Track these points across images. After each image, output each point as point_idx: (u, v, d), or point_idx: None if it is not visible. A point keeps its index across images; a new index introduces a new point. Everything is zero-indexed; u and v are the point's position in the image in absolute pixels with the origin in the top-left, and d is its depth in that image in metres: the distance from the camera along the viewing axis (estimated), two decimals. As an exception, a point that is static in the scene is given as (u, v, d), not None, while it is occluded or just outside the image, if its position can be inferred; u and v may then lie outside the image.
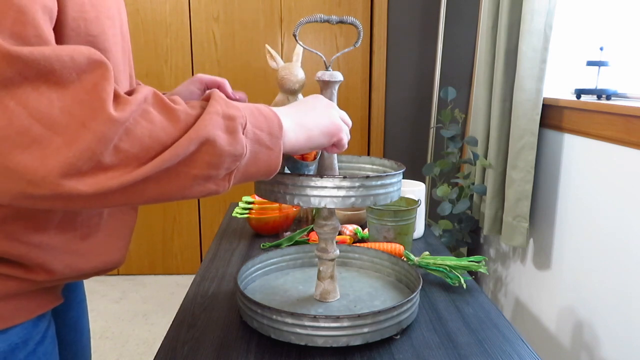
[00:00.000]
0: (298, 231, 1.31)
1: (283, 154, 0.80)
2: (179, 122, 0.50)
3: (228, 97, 0.87)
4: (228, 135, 0.53)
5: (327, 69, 0.80)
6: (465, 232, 2.09)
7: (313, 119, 0.68)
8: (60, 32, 0.50)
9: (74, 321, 0.78)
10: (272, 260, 1.05)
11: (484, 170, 2.03)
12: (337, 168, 0.85)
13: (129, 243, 0.70)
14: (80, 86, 0.45)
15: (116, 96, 0.47)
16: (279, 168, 0.62)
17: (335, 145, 0.72)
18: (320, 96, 0.74)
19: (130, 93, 0.49)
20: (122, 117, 0.46)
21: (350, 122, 0.75)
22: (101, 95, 0.45)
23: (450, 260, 1.05)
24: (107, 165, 0.46)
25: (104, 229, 0.65)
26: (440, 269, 1.04)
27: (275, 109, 0.63)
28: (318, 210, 0.95)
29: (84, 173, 0.45)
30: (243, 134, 0.55)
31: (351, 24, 0.79)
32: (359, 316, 0.77)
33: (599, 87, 1.58)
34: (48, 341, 0.62)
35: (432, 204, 2.53)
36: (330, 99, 0.81)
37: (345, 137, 0.72)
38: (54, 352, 0.64)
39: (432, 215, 2.54)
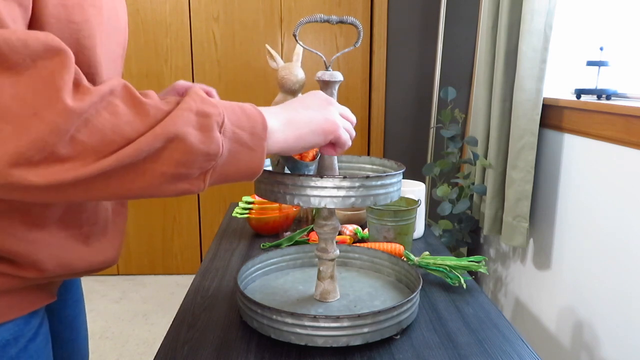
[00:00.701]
0: (298, 231, 1.31)
1: (283, 155, 0.80)
2: (147, 117, 0.48)
3: None
4: (200, 133, 0.51)
5: (327, 69, 0.80)
6: (465, 232, 2.09)
7: (304, 117, 0.64)
8: (40, 20, 0.49)
9: (70, 319, 0.77)
10: (272, 260, 1.05)
11: (484, 170, 2.03)
12: (337, 168, 0.85)
13: (123, 241, 0.70)
14: (36, 73, 0.43)
15: (77, 86, 0.46)
16: (262, 170, 0.59)
17: (334, 143, 0.68)
18: (319, 92, 0.71)
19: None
20: (79, 108, 0.44)
21: (353, 118, 0.72)
22: (58, 83, 0.44)
23: (450, 260, 1.05)
24: (62, 156, 0.44)
25: (103, 227, 0.64)
26: (440, 269, 1.04)
27: (263, 108, 0.61)
28: (318, 210, 0.95)
29: (35, 163, 0.44)
30: (220, 132, 0.53)
31: (351, 24, 0.79)
32: (359, 316, 0.77)
33: (599, 87, 1.58)
34: (40, 338, 0.62)
35: (432, 204, 2.53)
36: (330, 99, 0.81)
37: (344, 134, 0.68)
38: (46, 349, 0.63)
39: (432, 215, 2.54)
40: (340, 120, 0.68)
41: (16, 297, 0.58)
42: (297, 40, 0.79)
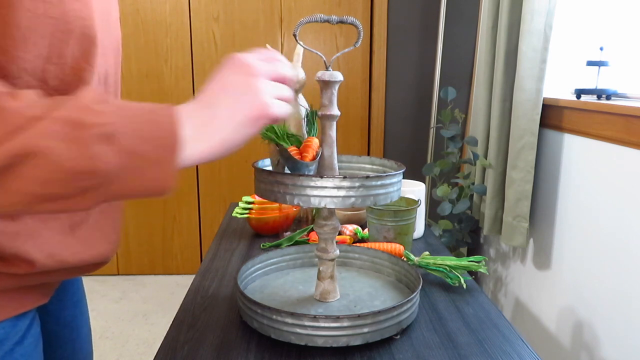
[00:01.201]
0: (298, 231, 1.31)
1: (282, 155, 0.80)
2: (6, 125, 0.42)
3: None
4: (72, 147, 0.44)
5: (327, 69, 0.80)
6: (465, 232, 2.09)
7: (226, 111, 0.53)
8: (12, 14, 0.47)
9: (69, 320, 0.76)
10: (272, 260, 1.05)
11: (484, 170, 2.03)
12: (337, 168, 0.85)
13: (119, 237, 0.68)
14: None
15: None
16: (173, 186, 0.50)
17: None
18: (236, 59, 0.56)
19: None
20: None
21: (287, 72, 0.58)
22: None
23: (450, 260, 1.05)
24: None
25: (93, 220, 0.63)
26: (440, 269, 1.04)
27: (181, 107, 0.52)
28: (318, 210, 0.95)
29: None
30: (109, 144, 0.45)
31: (351, 24, 0.79)
32: (359, 316, 0.77)
33: (599, 87, 1.58)
34: (28, 341, 0.60)
35: (432, 204, 2.53)
36: (330, 99, 0.81)
37: (278, 110, 0.55)
38: (35, 352, 0.61)
39: (432, 215, 2.54)
40: (269, 94, 0.55)
41: (4, 298, 0.56)
42: (297, 40, 0.79)
